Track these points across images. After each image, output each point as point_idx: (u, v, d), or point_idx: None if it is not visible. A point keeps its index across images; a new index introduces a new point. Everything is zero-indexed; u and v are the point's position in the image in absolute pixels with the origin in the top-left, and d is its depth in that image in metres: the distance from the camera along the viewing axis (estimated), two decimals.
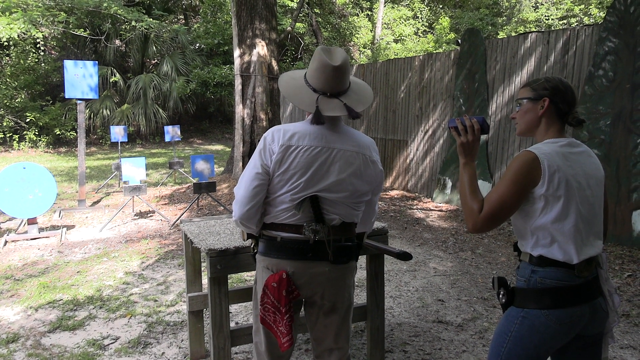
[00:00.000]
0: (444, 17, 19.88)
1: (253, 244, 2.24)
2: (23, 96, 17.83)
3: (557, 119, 1.87)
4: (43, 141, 17.67)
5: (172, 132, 11.65)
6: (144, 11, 17.15)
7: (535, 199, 1.76)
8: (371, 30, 21.35)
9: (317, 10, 20.31)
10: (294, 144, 2.01)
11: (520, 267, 1.87)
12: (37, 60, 18.34)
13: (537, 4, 19.85)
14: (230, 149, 13.41)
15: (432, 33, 20.57)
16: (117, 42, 19.92)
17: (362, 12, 22.38)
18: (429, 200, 8.53)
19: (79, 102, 8.19)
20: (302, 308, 2.28)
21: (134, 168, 7.47)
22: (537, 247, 1.79)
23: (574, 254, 1.75)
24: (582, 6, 17.26)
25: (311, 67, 2.09)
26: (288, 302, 2.03)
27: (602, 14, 15.12)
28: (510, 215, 1.79)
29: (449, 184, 8.15)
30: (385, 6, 21.18)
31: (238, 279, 4.80)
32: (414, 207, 8.10)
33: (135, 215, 7.70)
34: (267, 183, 2.05)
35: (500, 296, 1.87)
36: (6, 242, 6.12)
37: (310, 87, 2.09)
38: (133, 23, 14.91)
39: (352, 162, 2.06)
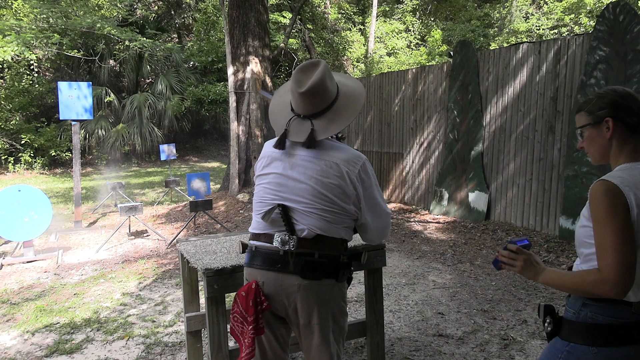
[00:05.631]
0: (436, 29, 20.02)
1: None
2: (18, 118, 17.83)
3: (630, 135, 1.63)
4: (38, 163, 17.63)
5: (167, 150, 11.65)
6: (138, 31, 17.25)
7: None
8: (364, 44, 21.48)
9: (309, 26, 20.44)
10: (262, 155, 2.13)
11: (571, 296, 1.69)
12: (31, 82, 18.36)
13: (528, 15, 20.02)
14: (226, 166, 13.40)
15: (424, 46, 20.71)
16: (111, 62, 19.98)
17: (355, 26, 22.53)
18: (427, 212, 8.52)
19: (73, 123, 8.19)
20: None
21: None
22: None
23: (632, 293, 1.55)
24: (573, 16, 17.42)
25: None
26: (255, 313, 1.98)
27: (592, 23, 15.26)
28: (635, 252, 1.51)
29: (446, 195, 8.15)
30: (377, 20, 21.34)
31: None
32: (412, 219, 8.09)
33: (131, 235, 7.66)
34: None
35: (546, 324, 1.70)
36: (2, 265, 6.08)
37: (291, 106, 2.12)
38: (127, 43, 14.99)
39: (313, 167, 2.02)
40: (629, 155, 1.63)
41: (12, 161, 17.24)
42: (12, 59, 13.90)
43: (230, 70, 9.61)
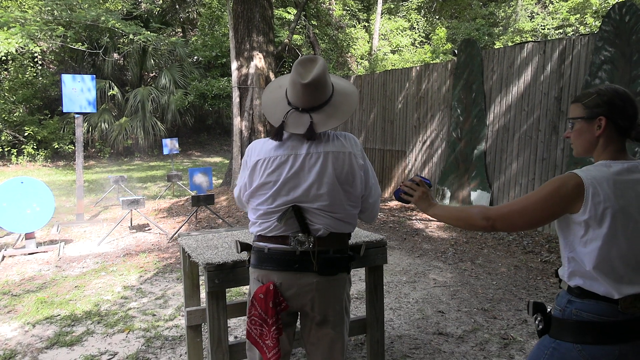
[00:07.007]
0: (441, 27, 19.96)
1: (248, 257, 2.24)
2: (21, 110, 17.84)
3: (617, 137, 1.66)
4: (41, 155, 17.66)
5: (170, 144, 11.65)
6: (142, 24, 17.23)
7: (575, 224, 1.60)
8: (368, 42, 21.43)
9: (314, 22, 20.40)
10: (262, 157, 2.06)
11: (559, 295, 1.72)
12: (35, 74, 18.37)
13: (533, 14, 19.94)
14: (228, 161, 13.41)
15: (429, 43, 20.67)
16: (115, 55, 19.99)
17: (359, 23, 22.49)
18: None
19: (77, 116, 8.20)
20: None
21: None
22: (574, 277, 1.63)
23: (613, 289, 1.57)
24: (578, 15, 17.34)
25: (289, 80, 2.08)
26: (275, 314, 2.00)
27: (598, 24, 15.18)
28: (529, 226, 1.66)
29: (448, 193, 8.14)
30: (382, 17, 21.29)
31: (237, 293, 4.77)
32: (413, 217, 8.08)
33: (133, 228, 7.67)
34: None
35: (537, 322, 1.72)
36: (3, 257, 6.09)
37: (287, 100, 2.10)
38: (131, 36, 14.96)
39: (322, 163, 2.02)
40: (610, 154, 1.66)
41: (15, 153, 17.28)
42: (16, 51, 13.91)
43: (234, 65, 9.60)
